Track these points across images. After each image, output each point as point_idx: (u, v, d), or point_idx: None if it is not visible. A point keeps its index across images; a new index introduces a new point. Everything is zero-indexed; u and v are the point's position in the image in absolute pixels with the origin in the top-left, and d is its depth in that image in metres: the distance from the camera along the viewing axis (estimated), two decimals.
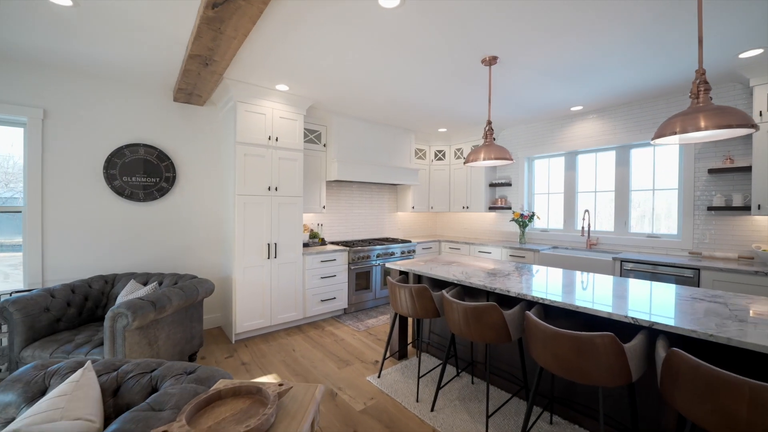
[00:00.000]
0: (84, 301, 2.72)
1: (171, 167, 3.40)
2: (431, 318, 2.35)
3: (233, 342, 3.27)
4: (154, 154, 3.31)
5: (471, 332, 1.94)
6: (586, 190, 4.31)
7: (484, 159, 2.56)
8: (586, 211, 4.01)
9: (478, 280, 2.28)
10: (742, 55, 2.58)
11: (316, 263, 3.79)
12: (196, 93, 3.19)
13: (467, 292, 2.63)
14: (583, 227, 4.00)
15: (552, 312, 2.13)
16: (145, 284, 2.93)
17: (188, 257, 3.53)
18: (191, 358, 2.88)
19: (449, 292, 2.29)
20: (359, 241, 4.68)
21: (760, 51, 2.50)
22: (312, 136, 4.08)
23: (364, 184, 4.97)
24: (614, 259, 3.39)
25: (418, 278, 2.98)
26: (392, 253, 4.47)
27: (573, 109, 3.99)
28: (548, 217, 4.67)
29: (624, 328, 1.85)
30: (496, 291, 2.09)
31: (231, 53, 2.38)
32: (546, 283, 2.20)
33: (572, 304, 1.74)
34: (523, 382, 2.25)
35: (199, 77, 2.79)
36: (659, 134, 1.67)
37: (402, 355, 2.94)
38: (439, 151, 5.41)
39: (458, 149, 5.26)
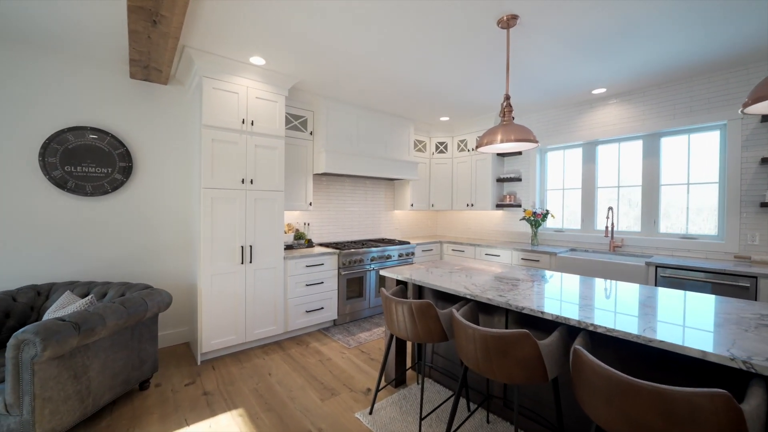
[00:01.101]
0: (4, 319, 2.20)
1: (127, 156, 2.88)
2: (436, 342, 1.84)
3: (198, 363, 2.75)
4: (106, 139, 2.79)
5: (492, 369, 1.44)
6: (607, 185, 3.81)
7: (501, 141, 2.05)
8: (610, 208, 3.51)
9: (496, 294, 1.77)
10: None
11: (300, 268, 3.27)
12: (154, 66, 2.67)
13: (481, 307, 2.12)
14: (607, 227, 3.50)
15: (597, 338, 1.63)
16: (85, 296, 2.40)
17: (149, 262, 3.00)
18: (142, 386, 2.36)
19: (460, 310, 1.79)
20: (351, 242, 4.17)
21: None
22: (296, 123, 3.56)
23: (358, 178, 4.45)
24: (647, 264, 2.89)
25: (419, 289, 2.48)
26: (389, 256, 3.96)
27: (595, 92, 3.50)
28: (563, 215, 4.18)
29: (721, 373, 1.34)
30: (525, 311, 1.58)
31: (181, 3, 1.86)
32: (583, 298, 1.69)
33: (651, 338, 1.23)
34: (557, 430, 1.75)
35: (151, 42, 2.27)
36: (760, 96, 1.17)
37: (400, 382, 2.43)
38: (441, 143, 4.91)
39: (462, 141, 4.75)
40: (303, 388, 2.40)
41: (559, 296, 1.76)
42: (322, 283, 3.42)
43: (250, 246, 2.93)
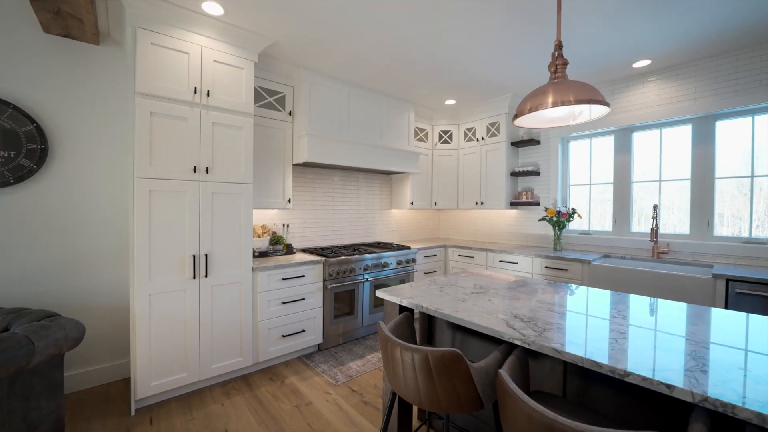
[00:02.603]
0: None
1: (39, 135, 2.16)
2: (467, 413, 1.18)
3: (132, 413, 2.05)
4: (6, 112, 2.07)
5: None
6: (644, 178, 3.20)
7: (555, 105, 1.40)
8: (655, 206, 2.89)
9: (572, 342, 1.12)
10: None
11: (275, 282, 2.58)
12: (69, 11, 1.96)
13: (529, 351, 1.46)
14: (653, 228, 2.88)
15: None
16: None
17: (69, 277, 2.28)
18: None
19: (506, 363, 1.13)
20: (341, 247, 3.49)
21: None
22: (271, 99, 2.87)
23: (348, 171, 3.78)
24: (715, 276, 2.28)
25: (428, 318, 1.82)
26: (386, 264, 3.29)
27: (637, 65, 2.88)
28: (590, 215, 3.56)
29: None
30: (654, 386, 0.92)
31: None
32: (713, 346, 1.05)
33: None
34: None
35: None
36: None
37: None
38: (445, 132, 4.26)
39: (469, 129, 4.11)
40: None
41: (678, 344, 1.11)
42: (303, 299, 2.74)
43: (206, 255, 2.24)
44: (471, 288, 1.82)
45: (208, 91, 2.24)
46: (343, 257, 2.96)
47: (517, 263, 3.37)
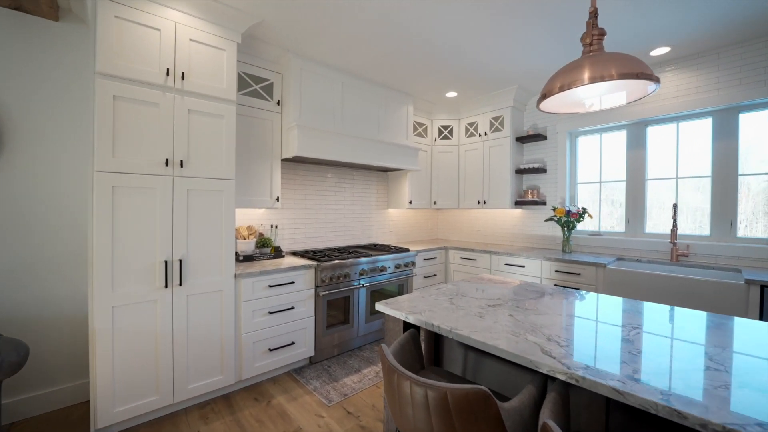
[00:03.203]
0: None
1: None
2: None
3: None
4: None
5: None
6: (659, 176, 3.00)
7: (592, 81, 1.16)
8: (675, 205, 2.69)
9: (636, 378, 0.87)
10: None
11: (261, 290, 2.31)
12: None
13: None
14: (672, 229, 2.68)
15: None
16: None
17: (20, 285, 1.98)
18: None
19: (546, 406, 0.88)
20: (335, 250, 3.23)
21: None
22: (257, 87, 2.60)
23: (343, 168, 3.52)
24: (748, 282, 2.07)
25: (436, 338, 1.57)
26: (383, 269, 3.04)
27: (655, 52, 2.67)
28: (600, 214, 3.35)
29: None
30: None
31: None
32: None
33: None
34: None
35: None
36: None
37: None
38: (445, 127, 4.02)
39: (471, 123, 3.88)
40: None
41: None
42: (293, 308, 2.47)
43: (180, 260, 1.96)
44: (486, 299, 1.57)
45: (183, 73, 1.97)
46: (336, 261, 2.70)
47: (524, 266, 3.14)
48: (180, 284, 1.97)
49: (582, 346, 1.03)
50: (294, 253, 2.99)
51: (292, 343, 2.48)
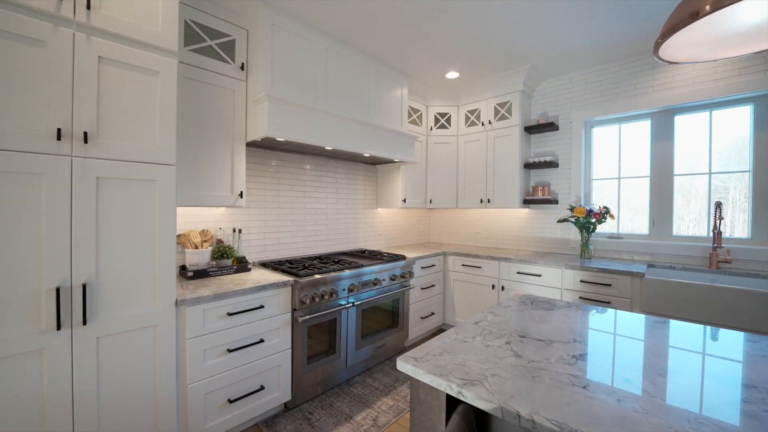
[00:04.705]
0: None
1: None
2: None
3: None
4: None
5: None
6: (689, 171, 2.65)
7: None
8: (718, 204, 2.32)
9: None
10: None
11: (215, 320, 1.66)
12: None
13: None
14: (715, 231, 2.31)
15: None
16: None
17: None
18: None
19: None
20: (316, 259, 2.62)
21: None
22: (213, 43, 1.94)
23: (325, 158, 2.90)
24: None
25: (481, 417, 1.02)
26: (376, 282, 2.46)
27: None
28: (619, 215, 2.97)
29: None
30: None
31: None
32: None
33: None
34: None
35: None
36: None
37: None
38: (442, 115, 3.51)
39: (472, 111, 3.39)
40: None
41: None
42: (262, 341, 1.83)
43: (84, 285, 1.28)
44: (562, 343, 1.05)
45: (89, 1, 1.29)
46: (319, 275, 2.09)
47: (540, 276, 2.68)
48: (84, 322, 1.28)
49: None
50: (264, 265, 2.34)
51: (261, 387, 1.84)
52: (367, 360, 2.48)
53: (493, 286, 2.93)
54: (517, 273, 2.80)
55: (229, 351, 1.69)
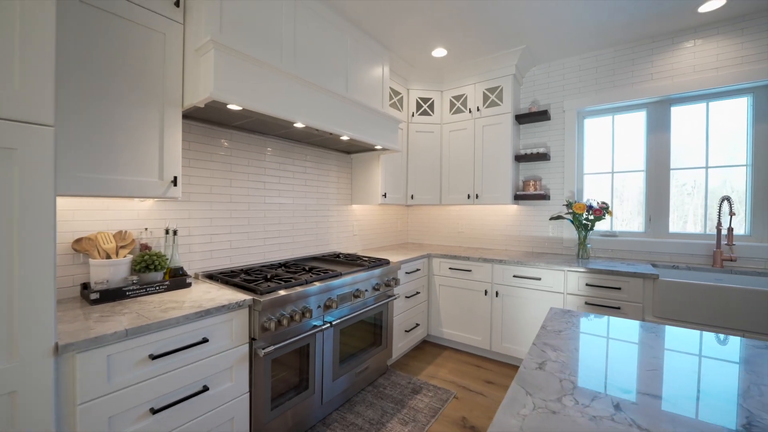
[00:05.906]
0: None
1: None
2: None
3: None
4: None
5: None
6: (686, 165, 2.52)
7: None
8: (726, 198, 2.17)
9: None
10: None
11: (129, 368, 1.09)
12: None
13: None
14: (723, 228, 2.16)
15: None
16: None
17: None
18: None
19: None
20: (278, 267, 2.09)
21: None
22: None
23: (290, 142, 2.36)
24: None
25: None
26: (357, 294, 1.99)
27: (704, 8, 2.11)
28: (613, 211, 2.79)
29: None
30: None
31: None
32: None
33: None
34: None
35: None
36: None
37: None
38: (424, 100, 3.12)
39: (457, 97, 3.04)
40: None
41: None
42: (205, 390, 1.29)
43: None
44: (650, 396, 0.68)
45: None
46: (285, 291, 1.58)
47: (539, 279, 2.39)
48: None
49: None
50: (211, 277, 1.77)
51: None
52: (345, 391, 2.01)
53: (486, 292, 2.60)
54: (514, 276, 2.49)
55: (154, 412, 1.13)
